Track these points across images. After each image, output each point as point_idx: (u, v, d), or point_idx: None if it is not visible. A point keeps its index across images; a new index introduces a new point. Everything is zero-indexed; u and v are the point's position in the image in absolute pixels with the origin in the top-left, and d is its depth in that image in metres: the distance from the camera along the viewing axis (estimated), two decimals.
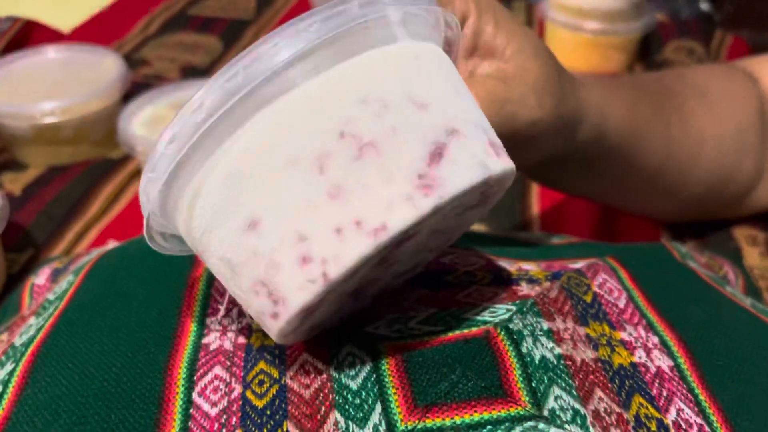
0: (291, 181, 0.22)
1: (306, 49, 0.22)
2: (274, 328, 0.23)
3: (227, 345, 0.26)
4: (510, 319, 0.26)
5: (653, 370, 0.25)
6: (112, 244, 0.38)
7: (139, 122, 0.55)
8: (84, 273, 0.32)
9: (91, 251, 0.38)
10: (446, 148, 0.22)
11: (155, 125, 0.54)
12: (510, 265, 0.31)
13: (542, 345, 0.25)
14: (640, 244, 0.38)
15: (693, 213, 0.48)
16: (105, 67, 0.60)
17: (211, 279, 0.29)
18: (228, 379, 0.24)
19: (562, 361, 0.24)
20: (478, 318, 0.26)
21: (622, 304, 0.29)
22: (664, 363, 0.26)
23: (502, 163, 0.24)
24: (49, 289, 0.38)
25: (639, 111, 0.40)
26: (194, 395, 0.24)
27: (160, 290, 0.29)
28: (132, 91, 0.61)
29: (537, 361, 0.24)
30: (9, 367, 0.27)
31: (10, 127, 0.56)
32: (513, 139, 0.30)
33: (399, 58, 0.23)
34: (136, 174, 0.57)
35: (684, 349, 0.26)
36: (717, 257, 0.44)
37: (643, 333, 0.27)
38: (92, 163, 0.58)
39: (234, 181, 0.22)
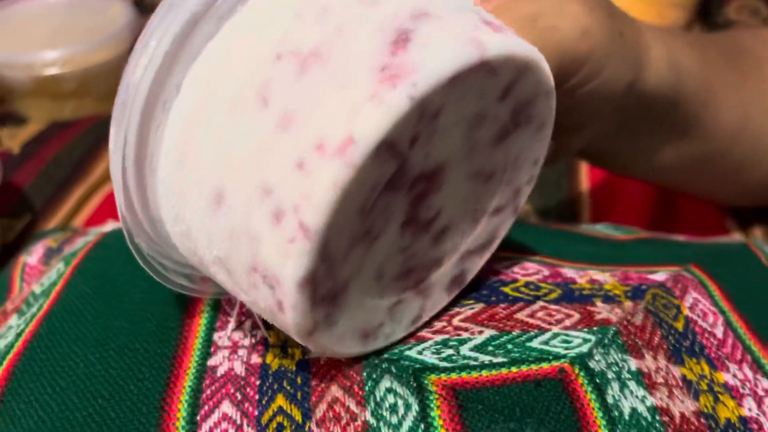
0: (237, 129, 0.18)
1: None
2: (290, 326, 0.19)
3: (238, 368, 0.21)
4: (590, 354, 0.21)
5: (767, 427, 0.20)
6: (111, 225, 0.33)
7: None
8: (75, 263, 0.28)
9: (88, 231, 0.34)
10: (413, 33, 0.18)
11: None
12: (578, 275, 0.26)
13: (632, 393, 0.20)
14: (720, 243, 0.33)
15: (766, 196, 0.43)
16: (112, 13, 0.55)
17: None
18: (239, 421, 0.20)
19: (657, 417, 0.19)
20: (549, 349, 0.21)
21: (719, 333, 0.23)
22: None
23: (506, 39, 0.19)
24: (40, 273, 0.34)
25: (713, 63, 0.34)
26: None
27: (160, 294, 0.24)
28: None
29: (627, 416, 0.19)
30: None
31: (7, 77, 0.51)
32: (566, 66, 0.25)
33: None
34: None
35: None
36: None
37: (750, 374, 0.22)
38: (97, 120, 0.53)
39: (184, 159, 0.19)
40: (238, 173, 0.18)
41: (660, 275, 0.26)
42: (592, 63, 0.26)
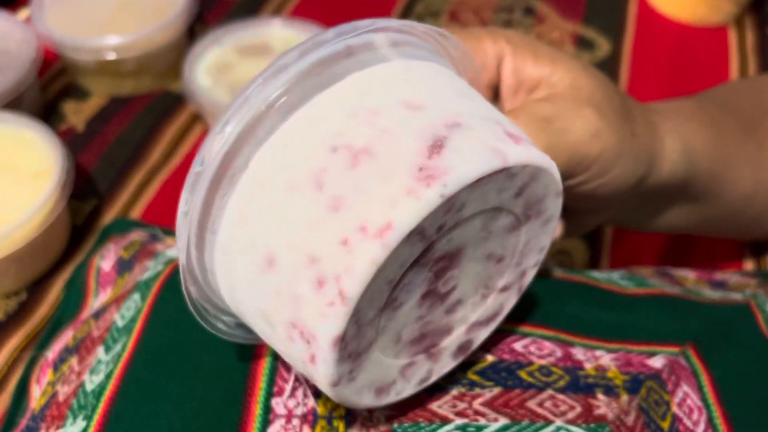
0: (293, 206, 0.21)
1: (288, 84, 0.22)
2: (319, 376, 0.22)
3: None
4: None
5: None
6: (173, 248, 0.37)
7: (204, 69, 0.52)
8: (150, 303, 0.32)
9: (156, 253, 0.38)
10: (447, 140, 0.21)
11: (221, 74, 0.52)
12: (586, 357, 0.30)
13: None
14: (723, 307, 0.36)
15: None
16: None
17: None
18: None
19: None
20: None
21: (700, 431, 0.27)
22: None
23: (524, 150, 0.22)
24: (113, 281, 0.38)
25: (728, 138, 0.36)
26: None
27: (226, 357, 0.28)
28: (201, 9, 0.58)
29: None
30: (81, 423, 0.28)
31: (72, 56, 0.53)
32: (576, 163, 0.28)
33: (388, 72, 0.23)
34: (196, 117, 0.55)
35: None
36: None
37: None
38: (153, 99, 0.56)
39: (244, 224, 0.22)
40: (290, 242, 0.21)
41: (658, 360, 0.30)
42: (602, 161, 0.29)
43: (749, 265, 0.48)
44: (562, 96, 0.29)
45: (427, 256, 0.22)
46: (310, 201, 0.21)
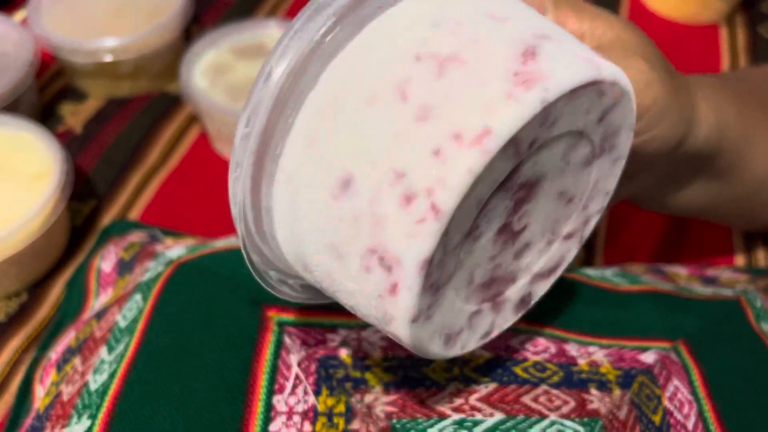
0: (374, 118, 0.20)
1: None
2: (398, 310, 0.20)
3: None
4: None
5: None
6: (173, 249, 0.38)
7: (201, 70, 0.52)
8: (152, 303, 0.32)
9: (157, 254, 0.38)
10: (540, 48, 0.20)
11: (217, 76, 0.52)
12: (580, 353, 0.30)
13: None
14: (714, 302, 0.37)
15: None
16: None
17: (278, 347, 0.29)
18: None
19: None
20: None
21: (691, 424, 0.28)
22: None
23: (613, 67, 0.21)
24: (114, 283, 0.39)
25: (750, 114, 0.37)
26: None
27: (228, 356, 0.29)
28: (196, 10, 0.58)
29: None
30: (86, 422, 0.28)
31: (69, 59, 0.54)
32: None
33: None
34: (193, 117, 0.56)
35: None
36: None
37: None
38: (151, 100, 0.57)
39: (315, 145, 0.21)
40: (371, 159, 0.20)
41: (650, 356, 0.30)
42: (651, 114, 0.28)
43: (740, 260, 0.49)
44: (611, 47, 0.29)
45: (512, 180, 0.21)
46: (394, 112, 0.19)
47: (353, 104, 0.20)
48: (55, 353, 0.35)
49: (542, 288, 0.27)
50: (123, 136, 0.54)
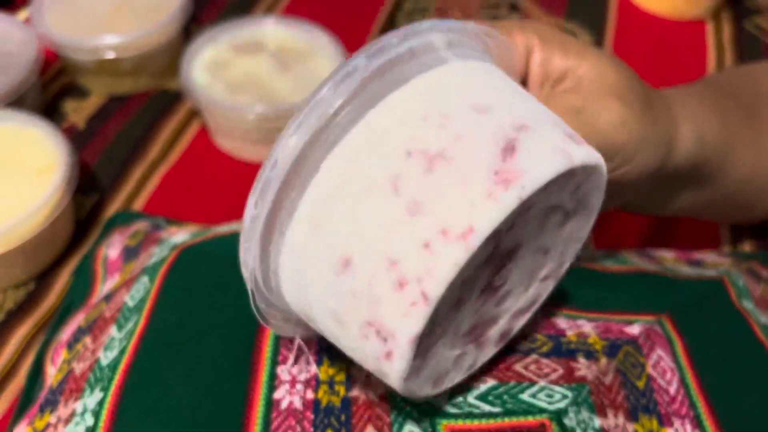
0: (370, 209, 0.22)
1: (357, 88, 0.23)
2: (392, 372, 0.23)
3: (296, 402, 0.28)
4: (565, 411, 0.27)
5: None
6: (177, 235, 0.39)
7: (201, 66, 0.54)
8: (159, 284, 0.34)
9: (161, 240, 0.40)
10: (518, 142, 0.22)
11: (217, 71, 0.53)
12: (568, 326, 0.32)
13: None
14: (698, 282, 0.38)
15: None
16: None
17: None
18: None
19: None
20: (535, 402, 0.28)
21: (673, 389, 0.30)
22: None
23: (585, 151, 0.24)
24: (120, 269, 0.40)
25: (732, 123, 0.38)
26: None
27: (233, 332, 0.30)
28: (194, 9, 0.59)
29: None
30: (99, 395, 0.29)
31: (72, 56, 0.55)
32: (605, 152, 0.29)
33: (451, 75, 0.24)
34: (193, 112, 0.57)
35: None
36: None
37: (689, 429, 0.28)
38: (151, 97, 0.58)
39: (318, 228, 0.23)
40: (367, 245, 0.22)
41: (635, 327, 0.32)
42: (627, 150, 0.31)
43: (726, 249, 0.51)
44: (588, 87, 0.31)
45: (492, 254, 0.24)
46: (388, 205, 0.22)
47: (351, 193, 0.22)
48: (65, 334, 0.36)
49: (521, 322, 0.29)
50: (124, 131, 0.55)
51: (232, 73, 0.54)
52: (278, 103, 0.51)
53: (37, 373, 0.37)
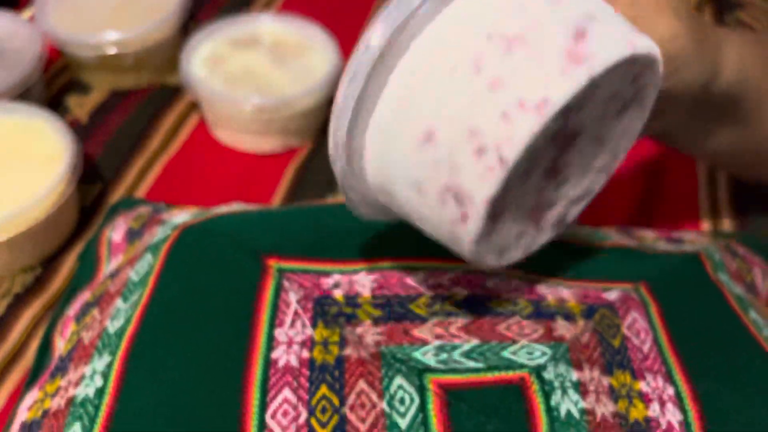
0: (454, 86, 0.25)
1: None
2: (466, 234, 0.25)
3: (293, 361, 0.30)
4: (544, 366, 0.29)
5: (664, 425, 0.29)
6: (178, 217, 0.41)
7: (200, 60, 0.56)
8: (162, 259, 0.36)
9: (162, 219, 0.41)
10: (588, 29, 0.25)
11: (215, 66, 0.56)
12: (549, 291, 0.34)
13: (569, 398, 0.28)
14: (675, 255, 0.40)
15: None
16: None
17: (278, 289, 0.33)
18: (295, 402, 0.29)
19: (584, 416, 0.28)
20: (516, 359, 0.30)
21: (646, 348, 0.32)
22: (675, 418, 0.29)
23: (647, 41, 0.26)
24: (124, 250, 0.42)
25: None
26: (267, 418, 0.28)
27: (233, 299, 0.32)
28: (193, 7, 0.62)
29: (563, 416, 0.28)
30: (107, 358, 0.31)
31: (75, 53, 0.57)
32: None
33: None
34: (192, 106, 0.59)
35: (696, 402, 0.30)
36: (749, 256, 0.46)
37: (661, 383, 0.30)
38: (151, 92, 0.60)
39: (405, 104, 0.26)
40: (450, 118, 0.25)
41: (612, 294, 0.34)
42: (677, 63, 0.33)
43: (705, 230, 0.53)
44: (646, 1, 0.32)
45: (560, 132, 0.26)
46: (471, 82, 0.24)
47: (436, 72, 0.25)
48: (72, 310, 0.38)
49: (576, 211, 0.32)
50: (126, 124, 0.57)
51: (229, 67, 0.56)
52: (274, 94, 0.53)
53: (46, 348, 0.39)
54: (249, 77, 0.55)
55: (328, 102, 0.55)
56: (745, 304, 0.37)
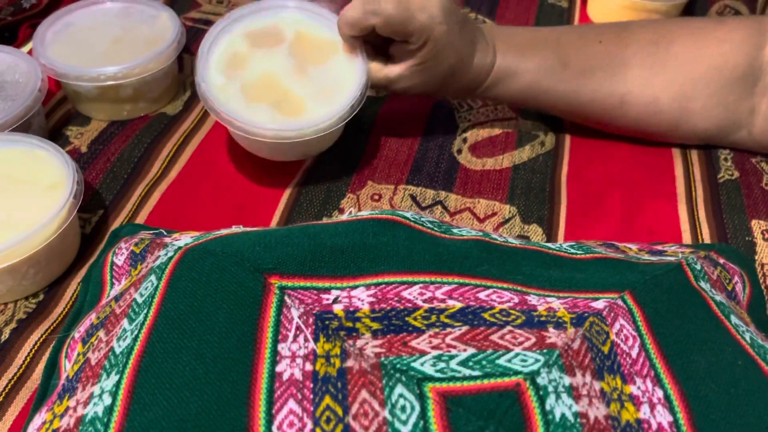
0: None
1: None
2: None
3: (297, 374, 0.31)
4: (538, 372, 0.30)
5: (654, 427, 0.30)
6: (181, 240, 0.42)
7: (216, 62, 0.52)
8: (167, 279, 0.37)
9: (164, 242, 0.43)
10: None
11: (233, 71, 0.52)
12: (539, 302, 0.35)
13: (563, 402, 0.29)
14: (658, 266, 0.42)
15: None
16: (161, 24, 0.62)
17: (280, 306, 0.34)
18: (300, 414, 0.30)
19: (578, 420, 0.29)
20: (511, 366, 0.31)
21: (635, 353, 0.33)
22: (665, 419, 0.30)
23: None
24: (127, 273, 0.43)
25: (524, 43, 0.56)
26: (274, 429, 0.29)
27: (237, 315, 0.33)
28: (187, 40, 0.63)
29: (558, 419, 0.29)
30: (114, 378, 0.32)
31: (74, 85, 0.59)
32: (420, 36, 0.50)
33: None
34: (191, 132, 0.61)
35: (684, 403, 0.31)
36: (729, 265, 0.48)
37: (650, 386, 0.32)
38: (150, 120, 0.62)
39: None
40: None
41: (600, 303, 0.35)
42: (440, 44, 0.51)
43: (687, 238, 0.55)
44: None
45: None
46: None
47: None
48: (78, 332, 0.39)
49: None
50: (125, 153, 0.59)
51: (248, 73, 0.52)
52: (294, 112, 0.51)
53: (52, 370, 0.40)
54: (269, 87, 0.52)
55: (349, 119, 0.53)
56: (726, 310, 0.39)
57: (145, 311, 0.36)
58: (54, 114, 0.62)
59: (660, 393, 0.31)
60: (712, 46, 0.55)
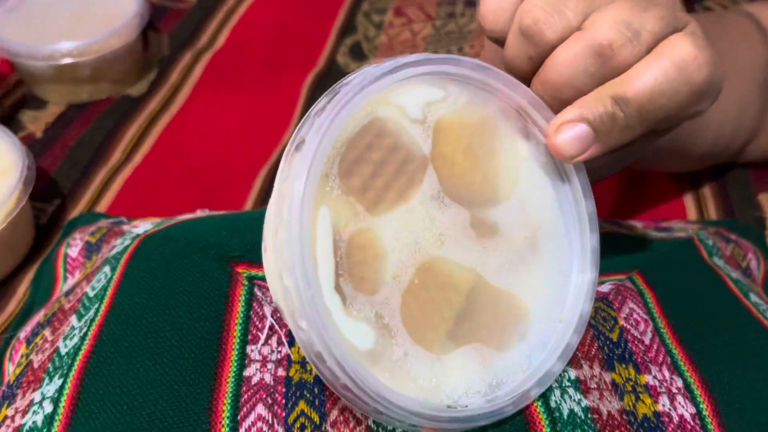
0: None
1: None
2: None
3: (267, 379, 0.27)
4: None
5: (676, 420, 0.26)
6: (141, 226, 0.38)
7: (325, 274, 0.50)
8: (122, 270, 0.33)
9: (123, 230, 0.39)
10: None
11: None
12: None
13: (570, 397, 0.26)
14: (669, 241, 0.38)
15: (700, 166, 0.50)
16: (123, 1, 0.58)
17: (249, 300, 0.30)
18: (270, 420, 0.26)
19: (589, 415, 0.25)
20: None
21: (647, 339, 0.29)
22: (687, 411, 0.27)
23: None
24: (81, 265, 0.39)
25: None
26: None
27: (200, 310, 0.29)
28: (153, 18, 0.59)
29: (566, 416, 0.25)
30: (58, 382, 0.28)
31: (28, 65, 0.54)
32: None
33: None
34: (158, 114, 0.57)
35: (707, 392, 0.27)
36: (741, 241, 0.44)
37: (667, 375, 0.28)
38: (112, 102, 0.57)
39: None
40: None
41: (606, 286, 0.32)
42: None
43: (691, 215, 0.51)
44: None
45: None
46: None
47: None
48: (24, 332, 0.35)
49: None
50: (85, 137, 0.54)
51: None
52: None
53: None
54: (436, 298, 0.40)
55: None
56: (744, 288, 0.35)
57: (96, 306, 0.32)
58: (7, 98, 0.58)
59: (679, 382, 0.28)
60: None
